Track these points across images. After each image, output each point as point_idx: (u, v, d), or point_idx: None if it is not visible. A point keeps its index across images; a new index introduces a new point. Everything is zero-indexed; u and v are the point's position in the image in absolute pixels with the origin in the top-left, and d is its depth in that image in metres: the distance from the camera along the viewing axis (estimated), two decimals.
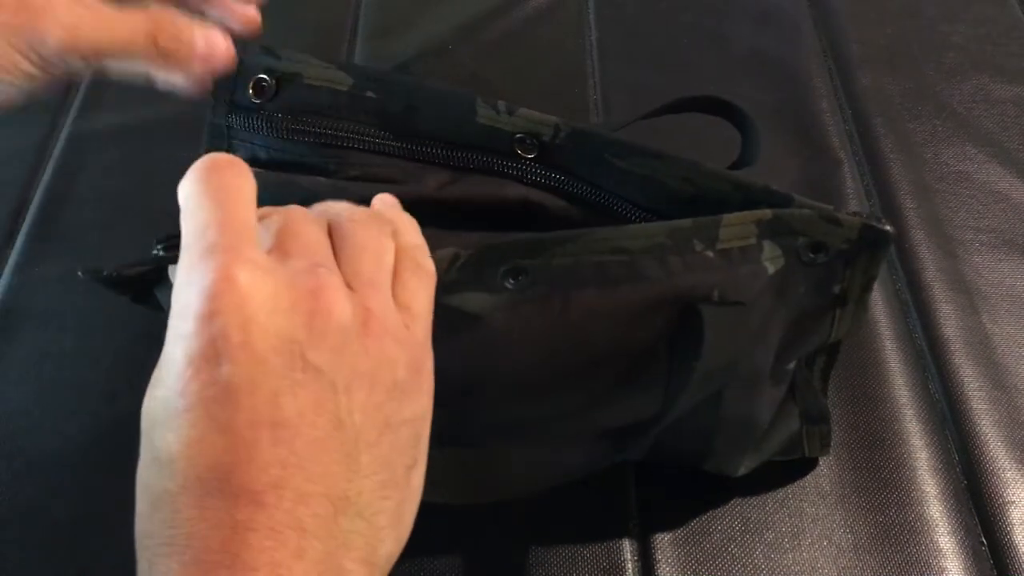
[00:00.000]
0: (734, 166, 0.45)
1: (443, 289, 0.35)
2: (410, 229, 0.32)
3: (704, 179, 0.38)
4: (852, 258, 0.37)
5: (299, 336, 0.25)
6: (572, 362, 0.36)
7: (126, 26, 0.33)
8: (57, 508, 0.43)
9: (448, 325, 0.33)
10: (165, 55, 0.34)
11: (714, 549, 0.43)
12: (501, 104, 0.38)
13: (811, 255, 0.37)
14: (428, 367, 0.29)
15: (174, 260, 0.31)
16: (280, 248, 0.27)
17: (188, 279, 0.25)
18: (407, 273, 0.30)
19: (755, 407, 0.40)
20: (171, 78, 0.35)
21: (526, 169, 0.40)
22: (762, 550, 0.43)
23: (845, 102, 0.65)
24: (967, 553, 0.44)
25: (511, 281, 0.35)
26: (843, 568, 0.43)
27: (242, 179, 0.27)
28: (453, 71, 0.66)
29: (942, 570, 0.43)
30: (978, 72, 0.66)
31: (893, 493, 0.45)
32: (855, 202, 0.58)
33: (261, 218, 0.29)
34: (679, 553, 0.43)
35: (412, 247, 0.31)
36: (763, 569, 0.43)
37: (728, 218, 0.36)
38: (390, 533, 0.26)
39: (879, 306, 0.53)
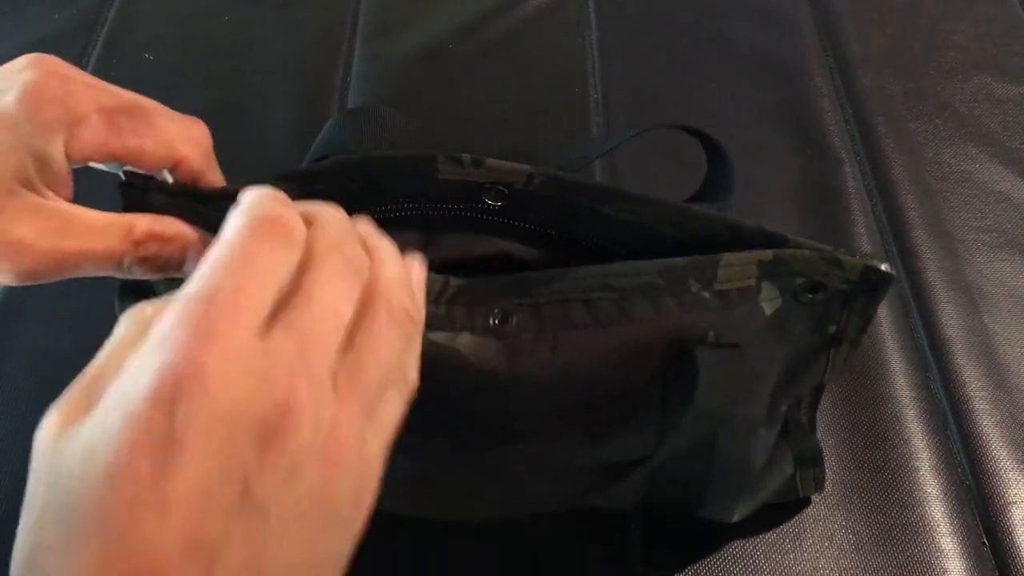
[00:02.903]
0: (698, 197, 0.44)
1: (429, 324, 0.33)
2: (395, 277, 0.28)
3: (694, 222, 0.36)
4: (850, 298, 0.37)
5: (250, 460, 0.22)
6: (563, 403, 0.35)
7: (96, 256, 0.30)
8: None
9: (433, 363, 0.31)
10: (141, 275, 0.32)
11: (715, 549, 0.43)
12: (466, 157, 0.36)
13: (809, 295, 0.36)
14: (373, 489, 0.26)
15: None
16: (291, 305, 0.24)
17: (166, 335, 0.22)
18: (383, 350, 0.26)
19: (749, 451, 0.39)
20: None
21: (497, 214, 0.38)
22: (763, 550, 0.43)
23: (846, 102, 0.65)
24: (969, 554, 0.44)
25: (498, 323, 0.34)
26: (844, 569, 0.43)
27: (283, 255, 0.25)
28: (453, 71, 0.66)
29: (944, 571, 0.43)
30: (979, 71, 0.66)
31: (895, 493, 0.45)
32: (856, 202, 0.58)
33: (308, 221, 0.26)
34: (680, 552, 0.43)
35: (400, 306, 0.27)
36: (764, 569, 0.43)
37: (727, 258, 0.35)
38: None
39: (880, 306, 0.53)
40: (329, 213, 0.28)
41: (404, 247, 0.38)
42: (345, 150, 0.40)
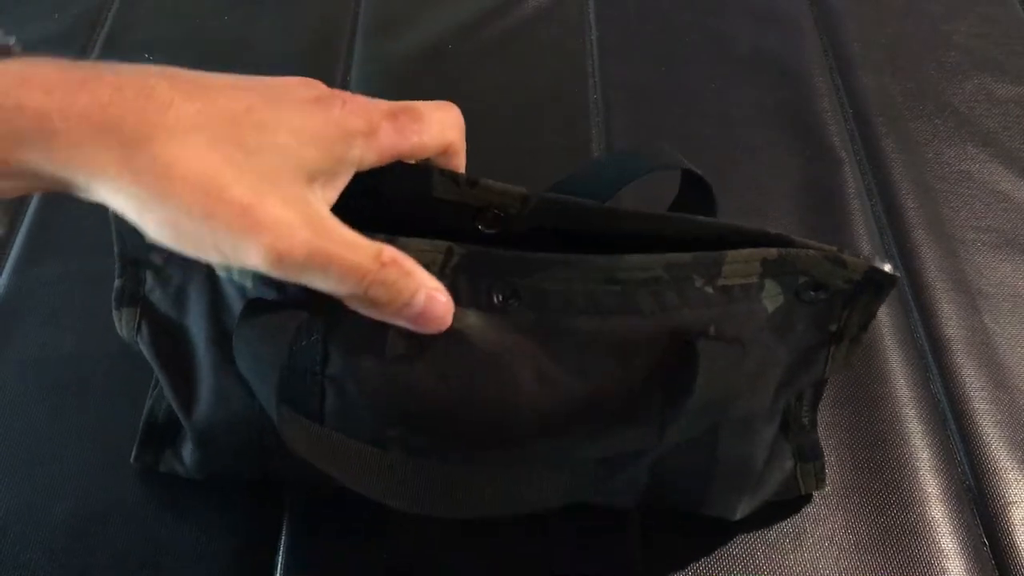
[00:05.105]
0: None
1: None
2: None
3: (700, 229, 0.36)
4: (852, 297, 0.37)
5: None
6: (564, 395, 0.36)
7: (345, 265, 0.31)
8: (57, 508, 0.43)
9: (437, 341, 0.32)
10: (371, 302, 0.32)
11: (715, 549, 0.43)
12: (461, 177, 0.36)
13: (811, 293, 0.36)
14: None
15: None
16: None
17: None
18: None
19: (750, 448, 0.40)
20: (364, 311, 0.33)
21: (491, 242, 0.37)
22: (763, 550, 0.43)
23: (846, 101, 0.65)
24: (969, 553, 0.44)
25: (501, 299, 0.34)
26: (844, 569, 0.43)
27: None
28: (453, 71, 0.66)
29: (944, 571, 0.43)
30: (979, 71, 0.66)
31: (895, 493, 0.45)
32: (856, 202, 0.58)
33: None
34: (680, 552, 0.43)
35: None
36: (764, 569, 0.43)
37: (733, 254, 0.35)
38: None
39: (880, 306, 0.53)
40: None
41: None
42: None
